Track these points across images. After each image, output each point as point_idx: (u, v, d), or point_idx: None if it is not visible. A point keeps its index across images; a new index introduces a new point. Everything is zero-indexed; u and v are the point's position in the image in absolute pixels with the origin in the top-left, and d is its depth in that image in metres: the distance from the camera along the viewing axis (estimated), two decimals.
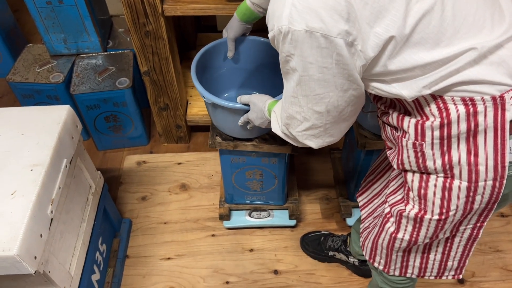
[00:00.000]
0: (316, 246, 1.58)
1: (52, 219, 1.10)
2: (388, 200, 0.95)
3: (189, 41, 2.16)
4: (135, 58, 1.86)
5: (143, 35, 1.52)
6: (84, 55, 1.86)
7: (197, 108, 1.92)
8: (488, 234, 1.65)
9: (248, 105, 1.13)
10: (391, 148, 0.91)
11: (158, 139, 2.02)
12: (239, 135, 1.28)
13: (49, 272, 1.08)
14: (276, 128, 0.98)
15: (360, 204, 1.23)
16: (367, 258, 1.10)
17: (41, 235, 1.04)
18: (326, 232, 1.62)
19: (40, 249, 1.03)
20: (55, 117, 1.21)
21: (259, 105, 1.08)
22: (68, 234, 1.24)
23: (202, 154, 1.96)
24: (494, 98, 0.70)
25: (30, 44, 1.93)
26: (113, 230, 1.62)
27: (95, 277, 1.41)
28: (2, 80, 2.30)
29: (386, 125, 0.89)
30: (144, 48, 1.57)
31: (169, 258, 1.61)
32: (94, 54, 1.86)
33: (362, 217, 1.20)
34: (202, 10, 1.46)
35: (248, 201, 1.60)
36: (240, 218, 1.66)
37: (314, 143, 0.89)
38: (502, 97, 0.70)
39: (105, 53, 1.87)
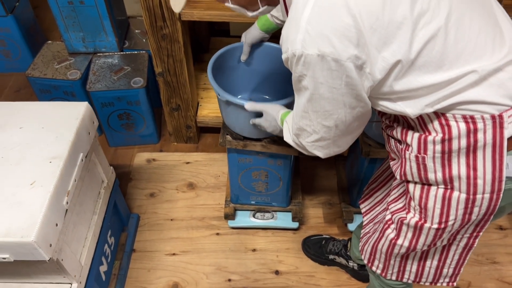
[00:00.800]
0: (317, 249, 1.63)
1: (67, 210, 1.16)
2: (390, 207, 0.99)
3: (203, 44, 2.22)
4: (150, 59, 1.92)
5: (160, 37, 1.58)
6: (101, 54, 1.93)
7: (208, 110, 1.98)
8: (485, 246, 1.68)
9: (261, 113, 1.17)
10: (394, 159, 0.96)
11: (168, 138, 2.08)
12: (249, 135, 1.33)
13: (62, 260, 1.14)
14: (288, 138, 1.03)
15: (362, 210, 1.28)
16: (365, 262, 1.14)
17: (56, 224, 1.09)
18: (327, 236, 1.67)
19: (55, 237, 1.08)
20: (74, 113, 1.27)
21: (272, 114, 1.12)
22: (80, 225, 1.30)
23: (210, 155, 2.02)
24: (493, 117, 0.75)
25: (49, 41, 2.00)
26: (121, 224, 1.68)
27: (103, 268, 1.47)
28: (20, 75, 2.38)
29: (390, 137, 0.94)
30: (160, 50, 1.63)
31: (174, 254, 1.67)
32: (110, 54, 1.93)
33: (364, 223, 1.24)
34: (218, 17, 1.52)
35: (253, 202, 1.65)
36: (245, 218, 1.71)
37: (322, 153, 0.94)
38: (500, 116, 0.75)
39: (121, 53, 1.94)
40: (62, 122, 1.24)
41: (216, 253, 1.67)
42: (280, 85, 1.42)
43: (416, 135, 0.83)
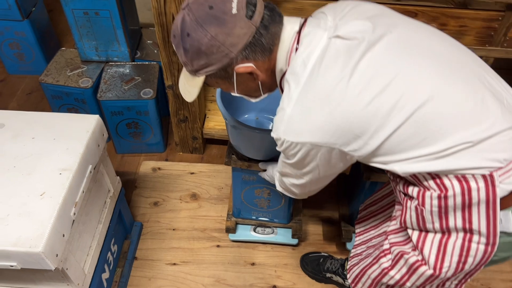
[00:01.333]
0: (315, 267, 1.66)
1: (74, 220, 1.20)
2: (389, 237, 1.02)
3: None
4: (161, 70, 1.97)
5: (171, 52, 1.62)
6: (113, 63, 1.97)
7: (214, 122, 2.02)
8: (481, 272, 1.69)
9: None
10: (400, 204, 0.99)
11: (174, 147, 2.12)
12: (254, 156, 1.36)
13: (67, 269, 1.18)
14: (277, 186, 1.21)
15: (356, 230, 1.31)
16: (349, 281, 1.18)
17: (63, 235, 1.13)
18: (325, 254, 1.70)
19: (61, 247, 1.12)
20: (85, 125, 1.31)
21: (270, 171, 1.35)
22: (86, 234, 1.34)
23: (214, 166, 2.05)
24: (484, 177, 0.79)
25: (63, 48, 2.05)
26: (125, 232, 1.71)
27: (105, 275, 1.50)
28: (33, 77, 2.43)
29: (396, 188, 0.98)
30: (171, 64, 1.67)
31: (174, 264, 1.70)
32: (122, 63, 1.97)
33: (356, 243, 1.28)
34: None
35: (254, 217, 1.68)
36: (245, 232, 1.74)
37: (300, 192, 1.11)
38: (491, 176, 0.79)
39: (133, 63, 1.98)
40: (74, 134, 1.28)
41: (216, 265, 1.70)
42: None
43: (416, 189, 0.88)
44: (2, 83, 2.41)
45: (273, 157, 1.39)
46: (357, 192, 1.62)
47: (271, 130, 1.26)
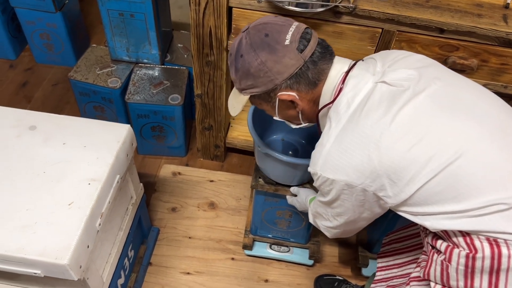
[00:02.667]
0: None
1: (98, 231, 1.20)
2: (411, 284, 1.01)
3: None
4: (189, 76, 1.96)
5: (204, 63, 1.61)
6: (143, 64, 1.97)
7: (237, 132, 2.01)
8: None
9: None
10: (426, 255, 0.97)
11: (195, 153, 2.11)
12: (282, 181, 1.36)
13: (88, 278, 1.18)
14: (310, 218, 1.20)
15: (378, 265, 1.29)
16: None
17: (88, 246, 1.13)
18: (340, 278, 1.69)
19: (85, 259, 1.12)
20: (116, 135, 1.30)
21: (302, 197, 1.33)
22: (107, 242, 1.34)
23: (234, 176, 2.04)
24: None
25: (94, 45, 2.04)
26: (142, 236, 1.72)
27: (120, 281, 1.51)
28: (60, 68, 2.44)
29: (424, 239, 0.97)
30: (202, 74, 1.66)
31: (188, 273, 1.70)
32: (152, 65, 1.97)
33: (376, 278, 1.26)
34: None
35: (271, 236, 1.68)
36: (261, 248, 1.74)
37: (330, 235, 1.12)
38: None
39: (162, 66, 1.97)
40: (104, 143, 1.28)
41: (229, 278, 1.70)
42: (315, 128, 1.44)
43: (445, 244, 0.86)
44: (30, 72, 2.43)
45: (301, 182, 1.38)
46: (379, 219, 1.60)
47: (305, 161, 1.27)
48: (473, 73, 1.46)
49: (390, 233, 1.32)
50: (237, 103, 1.03)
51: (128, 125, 1.34)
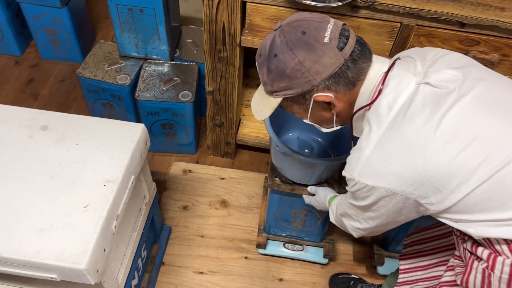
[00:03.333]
0: None
1: (114, 233, 1.17)
2: None
3: (250, 59, 2.20)
4: (200, 71, 1.92)
5: (217, 59, 1.58)
6: (152, 61, 1.93)
7: (248, 129, 1.97)
8: None
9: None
10: (460, 260, 0.94)
11: (205, 150, 2.09)
12: (299, 181, 1.33)
13: (104, 282, 1.16)
14: (332, 218, 1.18)
15: (401, 267, 1.26)
16: None
17: (104, 250, 1.11)
18: (356, 277, 1.66)
19: (102, 263, 1.10)
20: (130, 135, 1.27)
21: (321, 197, 1.29)
22: (121, 243, 1.32)
23: (245, 173, 2.02)
24: None
25: (102, 41, 2.01)
26: (154, 236, 1.69)
27: (134, 282, 1.48)
28: (66, 64, 2.40)
29: (460, 244, 0.92)
30: (214, 71, 1.62)
31: (201, 273, 1.68)
32: (161, 62, 1.93)
33: (399, 281, 1.23)
34: None
35: (285, 234, 1.65)
36: (275, 247, 1.71)
37: (357, 235, 1.07)
38: None
39: (172, 62, 1.94)
40: (118, 143, 1.25)
41: (243, 277, 1.68)
42: None
43: (487, 251, 0.83)
44: (35, 68, 2.39)
45: (318, 181, 1.35)
46: None
47: (325, 161, 1.24)
48: (493, 68, 1.42)
49: (411, 234, 1.29)
50: (265, 106, 0.96)
51: (142, 125, 1.31)
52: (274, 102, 0.94)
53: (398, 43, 1.43)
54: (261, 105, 0.98)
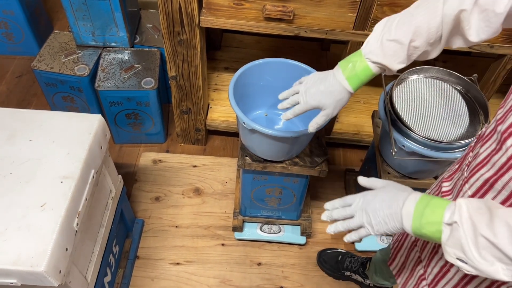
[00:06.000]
0: (333, 264, 1.61)
1: (76, 231, 1.12)
2: None
3: (215, 41, 2.14)
4: (162, 57, 1.85)
5: (176, 42, 1.51)
6: (111, 48, 1.85)
7: (218, 114, 1.92)
8: None
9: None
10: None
11: (175, 138, 2.03)
12: (270, 157, 1.29)
13: (70, 282, 1.11)
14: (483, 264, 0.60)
15: (393, 272, 1.12)
16: None
17: (66, 249, 1.05)
18: (343, 251, 1.64)
19: (65, 263, 1.04)
20: (87, 127, 1.21)
21: (400, 203, 0.71)
22: (88, 241, 1.26)
23: (217, 159, 1.97)
24: None
25: (56, 31, 1.91)
26: (126, 230, 1.64)
27: (107, 279, 1.44)
28: (23, 58, 2.29)
29: None
30: (175, 55, 1.56)
31: (178, 263, 1.64)
32: (121, 49, 1.85)
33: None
34: (239, 26, 1.44)
35: (261, 214, 1.62)
36: (251, 230, 1.68)
37: None
38: None
39: (132, 49, 1.86)
40: (74, 136, 1.18)
41: (221, 265, 1.65)
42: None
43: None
44: None
45: (289, 157, 1.31)
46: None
47: (293, 133, 1.18)
48: None
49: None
50: None
51: (99, 115, 1.24)
52: None
53: (361, 14, 1.39)
54: None
